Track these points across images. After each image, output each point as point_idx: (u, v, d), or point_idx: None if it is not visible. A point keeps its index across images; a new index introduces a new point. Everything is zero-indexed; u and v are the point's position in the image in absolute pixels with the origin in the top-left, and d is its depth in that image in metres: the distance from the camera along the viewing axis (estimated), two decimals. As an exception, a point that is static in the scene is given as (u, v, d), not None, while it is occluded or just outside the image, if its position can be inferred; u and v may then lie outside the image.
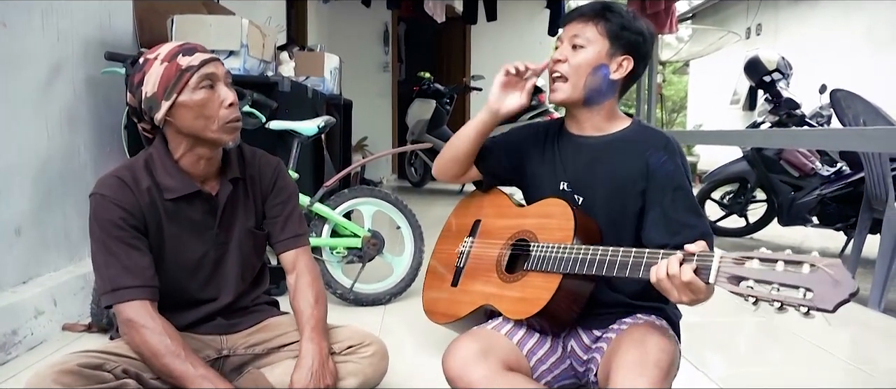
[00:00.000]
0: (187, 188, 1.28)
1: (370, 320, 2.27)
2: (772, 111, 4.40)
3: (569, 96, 1.36)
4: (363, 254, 2.42)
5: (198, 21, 2.52)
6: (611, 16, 1.34)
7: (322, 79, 3.36)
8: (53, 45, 2.18)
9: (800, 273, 0.90)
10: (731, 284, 0.98)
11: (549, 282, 1.28)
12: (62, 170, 2.21)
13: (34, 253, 2.08)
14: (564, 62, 1.35)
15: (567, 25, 1.39)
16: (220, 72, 1.27)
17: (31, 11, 2.06)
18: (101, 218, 1.22)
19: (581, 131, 1.42)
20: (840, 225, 4.14)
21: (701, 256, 1.04)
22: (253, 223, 1.40)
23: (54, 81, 2.18)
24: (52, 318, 2.03)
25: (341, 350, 1.38)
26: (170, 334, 1.20)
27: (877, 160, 2.91)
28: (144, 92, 1.24)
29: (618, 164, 1.35)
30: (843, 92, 3.06)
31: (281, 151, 2.44)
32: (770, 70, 4.39)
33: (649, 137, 1.37)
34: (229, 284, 1.38)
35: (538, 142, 1.50)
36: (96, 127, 2.41)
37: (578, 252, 1.25)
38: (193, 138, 1.26)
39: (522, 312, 1.31)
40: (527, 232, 1.42)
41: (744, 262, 0.97)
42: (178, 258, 1.31)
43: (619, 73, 1.35)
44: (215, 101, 1.24)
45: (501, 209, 1.57)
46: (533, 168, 1.50)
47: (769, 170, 4.35)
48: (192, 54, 1.25)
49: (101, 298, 1.25)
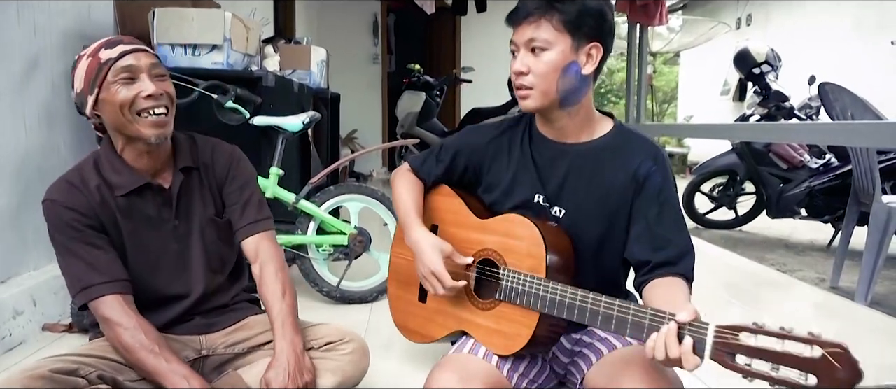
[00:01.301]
0: (135, 182, 1.27)
1: (357, 318, 2.25)
2: (761, 103, 4.42)
3: (541, 104, 1.24)
4: (350, 252, 2.40)
5: (179, 14, 2.46)
6: (561, 3, 1.18)
7: (309, 72, 3.32)
8: (30, 38, 2.13)
9: (803, 355, 0.82)
10: (727, 359, 0.89)
11: (528, 318, 1.22)
12: (41, 167, 2.17)
13: (13, 252, 2.04)
14: (527, 73, 1.22)
15: (517, 28, 1.23)
16: (144, 63, 1.23)
17: (6, 5, 2.01)
18: (55, 223, 1.22)
19: (559, 137, 1.31)
20: (828, 217, 4.17)
21: (694, 327, 0.94)
22: (213, 211, 1.37)
23: (31, 76, 2.13)
24: (31, 318, 2.00)
25: (320, 346, 1.35)
26: (144, 329, 1.19)
27: (864, 153, 2.91)
28: (75, 88, 1.24)
29: (605, 176, 1.26)
30: (831, 85, 3.06)
31: (266, 147, 2.42)
32: (759, 62, 4.40)
33: (636, 145, 1.27)
34: (198, 277, 1.35)
35: (502, 147, 1.37)
36: (75, 122, 2.36)
37: (555, 292, 1.16)
38: (121, 134, 1.24)
39: (503, 348, 1.25)
40: (492, 253, 1.32)
41: (739, 335, 0.88)
42: (140, 254, 1.29)
43: (590, 65, 1.23)
44: (133, 93, 1.21)
45: (458, 217, 1.43)
46: (497, 176, 1.37)
47: (758, 162, 4.36)
48: (113, 47, 1.22)
49: (74, 300, 1.24)
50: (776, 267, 3.64)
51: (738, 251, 3.98)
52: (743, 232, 4.95)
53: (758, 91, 4.48)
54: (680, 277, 1.18)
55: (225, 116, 2.29)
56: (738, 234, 4.89)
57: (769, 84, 4.38)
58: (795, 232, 4.83)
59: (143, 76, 1.22)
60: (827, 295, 2.89)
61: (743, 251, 4.10)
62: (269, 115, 2.36)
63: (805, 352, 0.81)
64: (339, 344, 1.35)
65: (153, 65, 1.24)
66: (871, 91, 3.65)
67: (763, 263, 3.65)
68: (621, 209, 1.26)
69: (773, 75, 4.38)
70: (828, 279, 3.32)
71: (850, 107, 2.94)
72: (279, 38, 3.65)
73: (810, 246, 4.45)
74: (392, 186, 1.52)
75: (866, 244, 2.79)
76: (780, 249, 4.34)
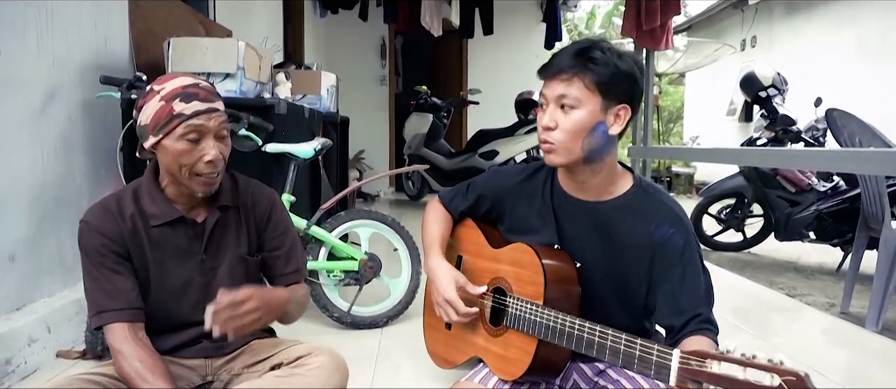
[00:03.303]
0: (170, 215, 1.32)
1: (367, 343, 2.26)
2: (768, 127, 4.43)
3: (565, 160, 1.25)
4: (360, 277, 2.41)
5: (194, 44, 2.51)
6: (595, 65, 1.19)
7: (319, 97, 3.36)
8: (49, 69, 2.17)
9: (762, 384, 0.84)
10: (690, 386, 0.93)
11: (528, 345, 1.27)
12: (57, 196, 2.20)
13: (28, 279, 2.07)
14: (554, 129, 1.22)
15: (547, 82, 1.24)
16: (212, 124, 1.27)
17: (27, 36, 2.06)
18: (85, 245, 1.28)
19: (581, 194, 1.32)
20: (837, 240, 4.15)
21: (661, 353, 0.99)
22: (245, 250, 1.40)
23: (49, 106, 2.18)
24: (46, 345, 2.02)
25: (289, 361, 1.34)
26: (141, 358, 1.22)
27: (872, 179, 2.91)
28: (140, 120, 1.28)
29: (622, 236, 1.27)
30: (838, 111, 3.08)
31: (277, 174, 2.45)
32: (765, 85, 4.42)
33: (653, 209, 1.27)
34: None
35: (524, 193, 1.40)
36: (91, 151, 2.40)
37: (551, 319, 1.20)
38: (172, 176, 1.30)
39: (508, 373, 1.31)
40: (502, 281, 1.38)
41: (705, 362, 0.91)
42: (164, 282, 1.33)
43: (617, 126, 1.23)
44: (195, 155, 1.25)
45: (478, 247, 1.50)
46: (519, 221, 1.41)
47: (766, 185, 4.36)
48: (189, 101, 1.25)
49: (90, 321, 1.31)
50: (786, 291, 3.63)
51: (747, 274, 3.97)
52: (752, 254, 4.93)
53: (764, 115, 4.49)
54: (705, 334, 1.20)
55: (238, 143, 2.32)
56: (747, 256, 4.88)
57: (776, 107, 4.39)
58: (804, 255, 4.82)
59: (209, 138, 1.26)
60: (837, 322, 2.88)
61: (752, 274, 4.09)
62: (281, 142, 2.40)
63: (765, 380, 0.83)
64: (307, 359, 1.33)
65: (220, 126, 1.29)
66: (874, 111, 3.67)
67: (773, 287, 3.64)
68: (637, 268, 1.27)
69: (780, 99, 4.40)
70: (838, 304, 3.31)
71: (858, 133, 2.95)
72: (289, 64, 3.70)
73: (819, 269, 4.43)
74: (424, 215, 1.60)
75: (877, 270, 2.78)
76: (789, 272, 4.32)
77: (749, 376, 0.85)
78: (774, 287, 3.69)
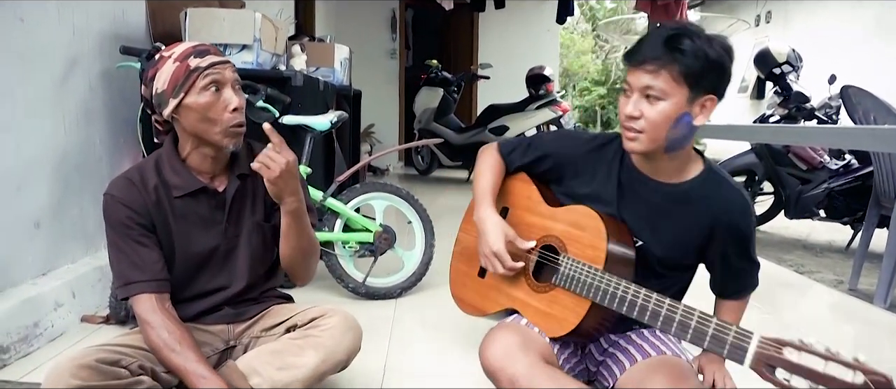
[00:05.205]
0: (193, 185, 1.34)
1: (382, 313, 2.31)
2: (781, 104, 4.39)
3: (647, 148, 1.23)
4: (375, 249, 2.45)
5: (210, 14, 2.52)
6: (683, 55, 1.15)
7: (332, 70, 3.37)
8: (69, 39, 2.20)
9: (845, 380, 0.83)
10: (766, 371, 0.92)
11: (579, 306, 1.27)
12: (79, 164, 2.24)
13: (53, 245, 2.12)
14: (639, 118, 1.20)
15: (633, 70, 1.21)
16: (229, 76, 1.30)
17: (47, 6, 2.08)
18: (110, 217, 1.30)
19: (652, 174, 1.31)
20: (847, 218, 4.15)
21: (739, 335, 0.99)
22: (261, 216, 1.43)
23: (70, 76, 2.20)
24: (71, 310, 2.07)
25: (304, 322, 1.37)
26: (169, 329, 1.24)
27: (885, 157, 2.91)
28: (156, 87, 1.29)
29: (686, 220, 1.29)
30: (853, 88, 3.06)
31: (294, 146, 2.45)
32: (780, 62, 4.36)
33: (725, 195, 1.28)
34: (241, 274, 1.42)
35: (592, 161, 1.40)
36: (111, 121, 2.43)
37: (610, 284, 1.21)
38: (198, 138, 1.31)
39: (550, 330, 1.32)
40: (555, 239, 1.38)
41: (783, 350, 0.90)
42: (188, 252, 1.36)
43: (703, 116, 1.21)
44: (219, 105, 1.28)
45: (530, 202, 1.49)
46: (578, 187, 1.41)
47: (777, 162, 4.35)
48: (203, 56, 1.28)
49: (117, 292, 1.33)
50: (794, 268, 3.65)
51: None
52: (761, 231, 4.94)
53: (778, 91, 4.46)
54: (743, 299, 1.42)
55: (255, 115, 2.33)
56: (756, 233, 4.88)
57: (790, 84, 4.35)
58: (814, 233, 4.82)
59: (227, 88, 1.29)
60: (845, 298, 2.90)
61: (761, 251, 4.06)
62: (298, 114, 2.42)
63: (847, 377, 0.83)
64: (321, 320, 1.37)
65: (235, 79, 1.31)
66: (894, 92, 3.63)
67: (781, 264, 3.66)
68: (690, 251, 1.33)
69: (794, 76, 4.35)
70: (846, 281, 3.33)
71: (873, 110, 2.94)
72: (303, 36, 3.70)
73: (828, 247, 4.44)
74: (477, 161, 1.57)
75: (887, 247, 2.79)
76: (798, 250, 4.33)
77: (830, 370, 0.84)
78: (783, 264, 3.71)
